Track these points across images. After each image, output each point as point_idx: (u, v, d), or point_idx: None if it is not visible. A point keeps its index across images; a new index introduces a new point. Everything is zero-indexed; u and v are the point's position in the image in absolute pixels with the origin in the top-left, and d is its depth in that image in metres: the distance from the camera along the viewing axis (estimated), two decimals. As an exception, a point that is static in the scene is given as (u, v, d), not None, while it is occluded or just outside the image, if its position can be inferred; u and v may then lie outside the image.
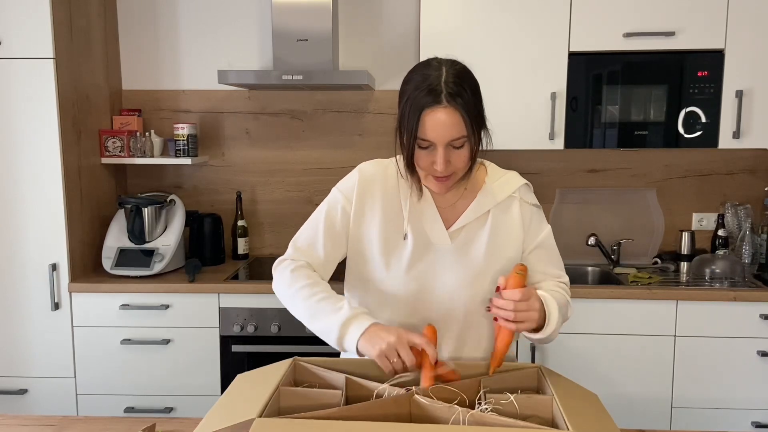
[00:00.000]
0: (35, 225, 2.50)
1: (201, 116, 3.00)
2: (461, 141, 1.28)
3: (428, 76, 1.27)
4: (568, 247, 2.97)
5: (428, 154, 1.29)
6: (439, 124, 1.25)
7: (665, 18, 2.53)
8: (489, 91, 2.63)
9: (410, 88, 1.29)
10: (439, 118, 1.25)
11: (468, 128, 1.27)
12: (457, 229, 1.40)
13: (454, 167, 1.31)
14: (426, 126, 1.25)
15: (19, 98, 2.45)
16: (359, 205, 1.43)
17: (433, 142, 1.27)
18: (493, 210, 1.42)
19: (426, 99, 1.25)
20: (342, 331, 1.26)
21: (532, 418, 1.14)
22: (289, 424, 1.03)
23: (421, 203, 1.42)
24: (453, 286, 1.38)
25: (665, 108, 2.57)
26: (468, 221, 1.40)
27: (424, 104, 1.25)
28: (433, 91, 1.25)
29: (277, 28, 2.68)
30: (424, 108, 1.25)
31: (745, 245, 2.81)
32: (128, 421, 1.46)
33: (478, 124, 1.31)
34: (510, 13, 2.58)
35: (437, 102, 1.24)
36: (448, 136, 1.26)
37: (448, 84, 1.25)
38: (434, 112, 1.25)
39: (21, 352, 2.57)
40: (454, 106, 1.25)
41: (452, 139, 1.27)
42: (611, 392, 2.46)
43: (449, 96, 1.24)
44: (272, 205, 3.04)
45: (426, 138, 1.27)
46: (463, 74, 1.30)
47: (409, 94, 1.28)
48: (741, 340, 2.42)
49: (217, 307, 2.52)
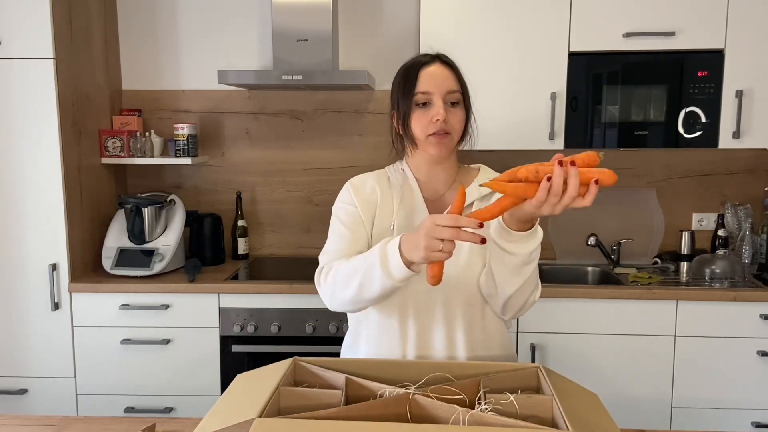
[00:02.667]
0: (35, 225, 2.50)
1: (201, 116, 3.00)
2: (456, 96, 1.39)
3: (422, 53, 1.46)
4: (568, 247, 2.98)
5: (426, 111, 1.38)
6: (436, 75, 1.38)
7: (665, 18, 2.53)
8: (489, 91, 2.66)
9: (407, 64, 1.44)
10: (434, 71, 1.39)
11: (460, 84, 1.40)
12: None
13: (450, 126, 1.38)
14: (423, 79, 1.38)
15: (19, 98, 2.45)
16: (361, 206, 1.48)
17: (431, 93, 1.37)
18: (476, 202, 1.45)
19: (422, 59, 1.42)
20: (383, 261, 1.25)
21: (532, 418, 1.14)
22: (289, 424, 1.03)
23: (409, 199, 1.47)
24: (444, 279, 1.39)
25: (665, 108, 2.57)
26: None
27: (421, 63, 1.40)
28: (428, 55, 1.43)
29: (277, 28, 2.68)
30: (421, 66, 1.40)
31: (745, 245, 2.81)
32: (128, 421, 1.46)
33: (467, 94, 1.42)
34: (510, 13, 2.58)
35: (432, 61, 1.41)
36: (445, 86, 1.38)
37: (441, 54, 1.44)
38: (429, 67, 1.40)
39: (21, 352, 2.57)
40: (448, 65, 1.42)
41: (448, 91, 1.38)
42: (611, 392, 2.46)
43: (443, 58, 1.42)
44: (272, 205, 3.04)
45: (424, 90, 1.37)
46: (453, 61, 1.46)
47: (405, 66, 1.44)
48: (741, 340, 2.42)
49: (217, 307, 2.52)
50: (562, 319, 2.45)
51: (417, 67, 1.40)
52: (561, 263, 2.94)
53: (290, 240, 3.07)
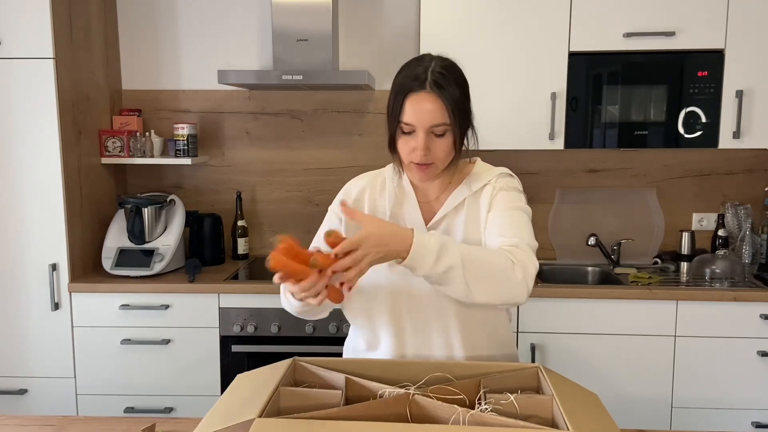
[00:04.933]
0: (35, 225, 2.50)
1: (201, 116, 3.00)
2: (442, 129, 1.31)
3: (417, 66, 1.33)
4: (568, 247, 2.98)
5: (410, 140, 1.33)
6: (421, 108, 1.30)
7: (665, 18, 2.53)
8: (489, 91, 2.66)
9: (400, 77, 1.35)
10: (421, 102, 1.30)
11: (449, 117, 1.30)
12: (436, 222, 1.42)
13: (434, 156, 1.33)
14: (408, 110, 1.31)
15: (19, 98, 2.45)
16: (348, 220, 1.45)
17: (414, 126, 1.31)
18: (468, 199, 1.42)
19: (411, 84, 1.31)
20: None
21: (532, 418, 1.14)
22: (289, 424, 1.03)
23: (404, 202, 1.45)
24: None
25: (665, 108, 2.57)
26: (445, 213, 1.41)
27: (409, 89, 1.31)
28: (419, 78, 1.30)
29: (277, 28, 2.68)
30: (408, 92, 1.31)
31: (745, 245, 2.81)
32: (128, 421, 1.46)
33: (461, 116, 1.33)
34: (510, 13, 2.58)
35: (421, 87, 1.30)
36: (428, 121, 1.30)
37: (434, 73, 1.30)
38: (417, 96, 1.30)
39: (21, 352, 2.57)
40: (437, 93, 1.29)
41: (433, 125, 1.30)
42: (611, 392, 2.46)
43: (433, 83, 1.29)
44: (272, 205, 3.04)
45: (408, 122, 1.31)
46: (450, 68, 1.35)
47: (398, 81, 1.34)
48: (741, 340, 2.42)
49: (217, 307, 2.52)
50: (562, 319, 2.45)
51: (405, 92, 1.31)
52: (561, 263, 2.94)
53: (290, 240, 3.06)
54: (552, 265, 2.91)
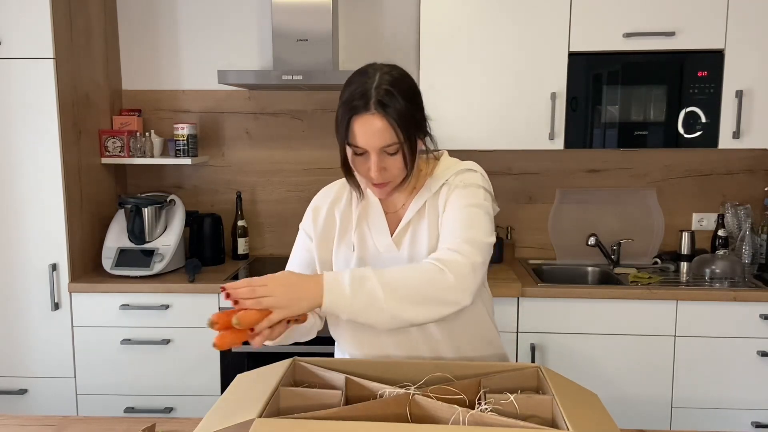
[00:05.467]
0: (35, 225, 2.50)
1: (201, 116, 3.00)
2: (394, 148, 1.26)
3: (362, 82, 1.26)
4: (568, 247, 2.98)
5: (364, 161, 1.29)
6: (368, 130, 1.24)
7: (665, 18, 2.53)
8: (489, 90, 2.66)
9: (345, 94, 1.28)
10: (368, 124, 1.24)
11: (399, 135, 1.25)
12: (401, 230, 1.39)
13: (390, 174, 1.30)
14: (356, 132, 1.25)
15: (19, 98, 2.45)
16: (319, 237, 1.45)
17: (365, 148, 1.26)
18: (428, 201, 1.38)
19: (356, 105, 1.24)
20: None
21: (532, 418, 1.14)
22: (289, 424, 1.03)
23: (370, 212, 1.42)
24: None
25: (665, 108, 2.57)
26: (409, 219, 1.38)
27: (354, 111, 1.24)
28: (364, 96, 1.24)
29: (277, 28, 2.68)
30: (353, 114, 1.24)
31: (745, 245, 2.81)
32: (128, 421, 1.46)
33: (412, 130, 1.27)
34: (510, 13, 2.58)
35: (366, 108, 1.24)
36: (378, 142, 1.25)
37: (379, 91, 1.24)
38: (363, 118, 1.24)
39: (21, 352, 2.57)
40: (383, 114, 1.23)
41: (383, 146, 1.26)
42: (611, 392, 2.46)
43: (378, 103, 1.23)
44: (272, 205, 3.04)
45: (357, 144, 1.26)
46: (396, 81, 1.27)
47: (344, 99, 1.27)
48: (741, 340, 2.42)
49: (217, 307, 2.52)
50: (562, 319, 2.45)
51: (350, 114, 1.25)
52: (561, 263, 2.94)
53: (290, 240, 3.01)
54: (552, 265, 2.91)
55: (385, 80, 1.26)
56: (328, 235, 1.45)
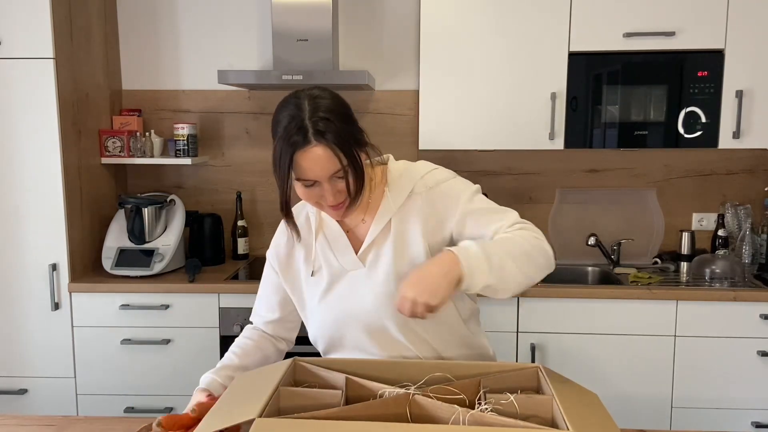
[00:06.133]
0: (35, 225, 2.50)
1: (201, 116, 3.00)
2: (341, 172, 1.25)
3: (293, 115, 1.24)
4: (568, 247, 2.97)
5: (314, 190, 1.28)
6: (314, 162, 1.23)
7: (665, 18, 2.53)
8: (489, 90, 2.66)
9: (279, 129, 1.25)
10: (313, 157, 1.22)
11: (345, 159, 1.24)
12: (365, 250, 1.39)
13: (344, 195, 1.29)
14: (302, 167, 1.24)
15: (19, 98, 2.45)
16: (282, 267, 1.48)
17: (317, 180, 1.25)
18: (393, 218, 1.37)
19: (295, 140, 1.22)
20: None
21: (532, 418, 1.14)
22: (289, 424, 1.03)
23: (330, 234, 1.42)
24: (374, 304, 1.37)
25: (665, 108, 2.57)
26: (372, 238, 1.38)
27: (295, 146, 1.22)
28: (300, 129, 1.22)
29: (277, 28, 2.68)
30: (295, 150, 1.22)
31: (745, 245, 2.81)
32: (128, 421, 1.46)
33: (354, 149, 1.26)
34: (510, 13, 2.58)
35: (306, 142, 1.22)
36: (326, 171, 1.24)
37: (314, 121, 1.22)
38: (305, 152, 1.22)
39: (21, 352, 2.57)
40: (324, 143, 1.22)
41: (333, 173, 1.25)
42: (611, 392, 2.46)
43: (317, 133, 1.22)
44: (272, 205, 3.04)
45: (306, 178, 1.25)
46: (327, 105, 1.26)
47: (279, 135, 1.25)
48: (741, 340, 2.42)
49: (217, 307, 2.52)
50: (562, 319, 2.45)
51: (291, 150, 1.22)
52: (561, 263, 2.93)
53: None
54: (552, 265, 2.90)
55: (315, 107, 1.24)
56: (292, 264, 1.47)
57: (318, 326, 1.47)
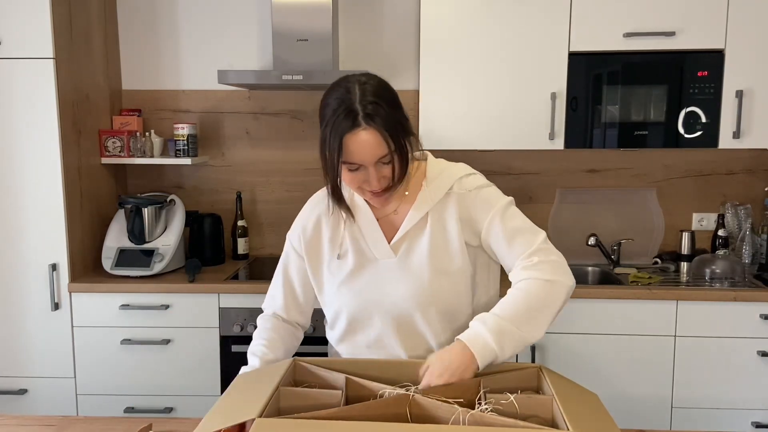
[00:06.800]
0: (35, 225, 2.50)
1: (201, 116, 3.00)
2: (388, 157, 1.28)
3: (343, 99, 1.26)
4: (568, 247, 2.97)
5: (359, 174, 1.30)
6: (363, 146, 1.25)
7: (665, 18, 2.53)
8: (489, 90, 2.66)
9: (328, 112, 1.27)
10: (361, 140, 1.24)
11: (392, 144, 1.27)
12: (399, 240, 1.40)
13: (388, 180, 1.32)
14: (350, 150, 1.25)
15: (19, 98, 2.45)
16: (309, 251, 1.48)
17: (362, 164, 1.28)
18: (431, 212, 1.40)
19: (345, 123, 1.24)
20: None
21: (532, 418, 1.14)
22: (289, 424, 1.03)
23: (361, 220, 1.43)
24: (404, 295, 1.38)
25: (665, 108, 2.57)
26: (407, 229, 1.39)
27: (344, 129, 1.24)
28: (350, 113, 1.24)
29: (277, 28, 2.68)
30: (344, 133, 1.24)
31: (745, 245, 2.81)
32: (128, 421, 1.46)
33: (401, 135, 1.29)
34: (510, 13, 2.58)
35: (356, 125, 1.24)
36: (374, 156, 1.26)
37: (364, 104, 1.24)
38: (355, 135, 1.24)
39: (21, 352, 2.57)
40: (374, 127, 1.24)
41: (379, 158, 1.27)
42: (611, 392, 2.46)
43: (367, 117, 1.24)
44: (272, 205, 3.04)
45: (353, 161, 1.27)
46: (377, 90, 1.28)
47: (328, 119, 1.27)
48: (741, 340, 2.42)
49: (217, 307, 2.52)
50: (562, 319, 2.45)
51: (340, 133, 1.24)
52: (561, 263, 2.93)
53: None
54: (552, 265, 2.90)
55: (365, 91, 1.26)
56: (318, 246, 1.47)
57: (339, 310, 1.45)
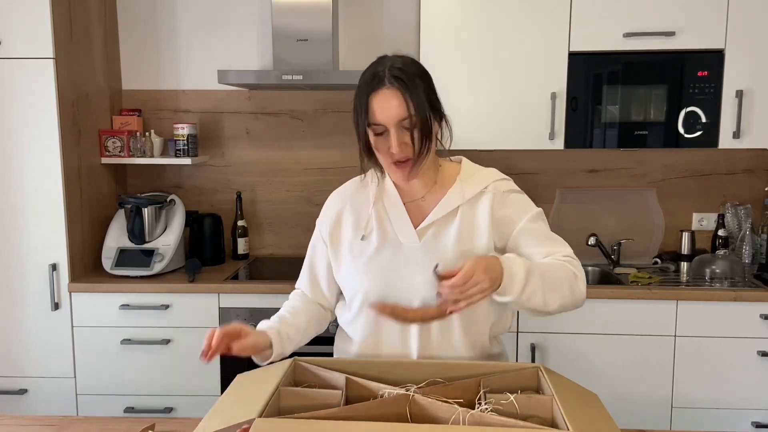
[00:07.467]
0: (35, 225, 2.50)
1: (201, 116, 3.00)
2: (408, 121, 1.32)
3: (376, 68, 1.36)
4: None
5: (384, 140, 1.34)
6: (385, 104, 1.31)
7: (665, 18, 2.53)
8: (489, 90, 2.66)
9: (361, 81, 1.36)
10: (384, 99, 1.31)
11: (415, 108, 1.31)
12: (425, 227, 1.41)
13: (409, 149, 1.34)
14: (374, 109, 1.32)
15: (19, 98, 2.45)
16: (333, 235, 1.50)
17: (384, 124, 1.32)
18: (462, 206, 1.42)
19: (372, 84, 1.33)
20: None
21: (532, 418, 1.14)
22: (289, 424, 1.03)
23: (388, 204, 1.45)
24: (421, 281, 1.38)
25: (665, 108, 2.57)
26: (436, 218, 1.41)
27: (370, 89, 1.32)
28: (377, 76, 1.33)
29: (277, 28, 2.68)
30: (370, 93, 1.32)
31: (745, 245, 2.81)
32: (128, 421, 1.46)
33: (426, 106, 1.33)
34: (510, 13, 2.58)
35: (381, 84, 1.32)
36: (395, 116, 1.31)
37: (392, 69, 1.33)
38: (379, 94, 1.31)
39: (21, 352, 2.57)
40: (397, 87, 1.31)
41: (400, 119, 1.31)
42: (611, 392, 2.45)
43: (392, 78, 1.31)
44: (272, 205, 3.04)
45: (376, 121, 1.32)
46: (409, 62, 1.37)
47: (359, 85, 1.36)
48: (741, 340, 2.42)
49: (217, 307, 2.52)
50: (562, 319, 2.45)
51: (367, 93, 1.33)
52: (561, 263, 2.93)
53: (290, 240, 3.07)
54: (552, 265, 2.90)
55: (396, 62, 1.35)
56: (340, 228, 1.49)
57: (357, 289, 1.45)
